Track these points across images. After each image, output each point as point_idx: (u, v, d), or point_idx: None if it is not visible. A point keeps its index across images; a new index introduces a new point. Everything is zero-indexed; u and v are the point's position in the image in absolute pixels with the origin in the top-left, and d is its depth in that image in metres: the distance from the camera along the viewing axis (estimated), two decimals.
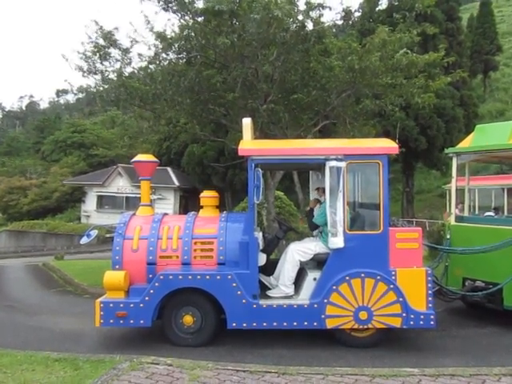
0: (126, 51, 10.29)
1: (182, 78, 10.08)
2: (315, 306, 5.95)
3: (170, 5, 9.74)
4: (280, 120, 10.59)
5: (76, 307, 9.03)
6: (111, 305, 6.06)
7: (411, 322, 5.89)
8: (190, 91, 10.42)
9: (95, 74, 10.46)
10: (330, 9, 9.79)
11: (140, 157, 7.24)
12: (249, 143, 6.48)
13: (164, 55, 10.61)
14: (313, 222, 6.69)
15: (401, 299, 5.88)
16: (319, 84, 10.17)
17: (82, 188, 36.18)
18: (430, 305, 5.94)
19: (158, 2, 9.83)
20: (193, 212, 7.08)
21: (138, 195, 7.37)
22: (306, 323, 5.97)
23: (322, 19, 10.23)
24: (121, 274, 6.18)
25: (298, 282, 6.46)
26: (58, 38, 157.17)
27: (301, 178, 25.56)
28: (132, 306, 6.04)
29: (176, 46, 10.25)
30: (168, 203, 32.18)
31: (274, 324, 5.98)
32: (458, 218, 8.12)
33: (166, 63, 10.77)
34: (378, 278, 5.91)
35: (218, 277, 6.02)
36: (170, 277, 6.04)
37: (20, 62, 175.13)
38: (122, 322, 6.07)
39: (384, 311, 5.89)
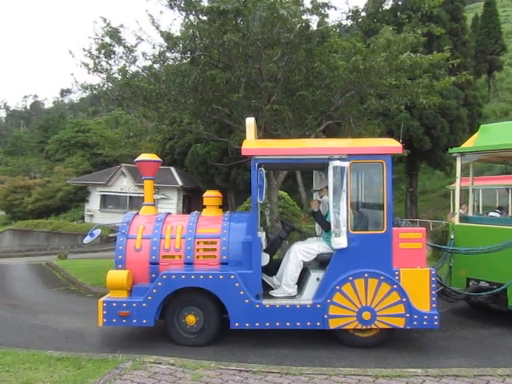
0: (130, 50, 10.30)
1: (186, 77, 10.08)
2: (318, 306, 5.93)
3: (175, 2, 9.73)
4: (284, 120, 10.57)
5: (79, 306, 9.04)
6: (114, 304, 6.06)
7: (415, 323, 5.87)
8: (193, 91, 10.43)
9: (100, 72, 10.47)
10: (336, 9, 9.78)
11: (143, 156, 7.25)
12: (252, 143, 6.47)
13: (168, 54, 10.61)
14: (327, 221, 6.45)
15: (404, 299, 5.85)
16: (323, 83, 10.15)
17: (85, 187, 36.21)
18: (434, 305, 5.92)
19: None
20: (196, 212, 7.07)
21: (142, 195, 7.38)
22: (308, 323, 5.95)
23: (327, 19, 10.24)
24: (124, 273, 6.18)
25: (301, 282, 6.44)
26: (62, 38, 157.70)
27: (304, 178, 25.55)
28: (135, 305, 6.04)
29: (180, 45, 10.25)
30: (171, 203, 32.19)
31: (277, 324, 5.97)
32: (462, 219, 8.09)
33: (170, 63, 10.77)
34: (382, 278, 5.89)
35: (221, 276, 6.01)
36: (173, 276, 6.04)
37: (24, 62, 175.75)
38: (124, 321, 6.07)
39: (387, 311, 5.87)
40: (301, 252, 6.40)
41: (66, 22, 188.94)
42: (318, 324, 5.94)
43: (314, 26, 10.19)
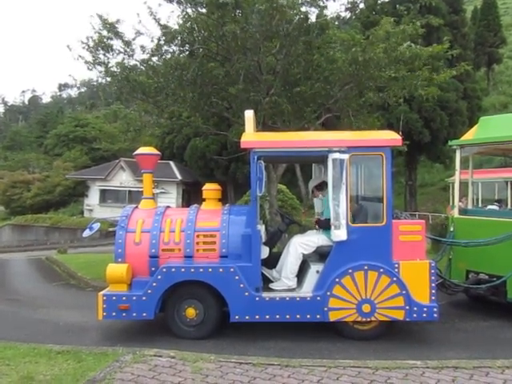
0: (128, 43, 10.25)
1: (185, 71, 10.04)
2: (318, 298, 5.93)
3: None
4: (282, 113, 10.55)
5: (79, 300, 9.06)
6: (114, 298, 6.05)
7: (414, 315, 5.87)
8: (192, 84, 10.39)
9: (99, 65, 10.43)
10: (334, 0, 9.76)
11: (142, 149, 7.21)
12: (251, 136, 6.44)
13: (166, 48, 10.57)
14: (325, 219, 6.40)
15: (404, 292, 5.85)
16: (322, 76, 10.11)
17: (84, 182, 36.22)
18: (433, 297, 5.91)
19: None
20: (195, 205, 7.05)
21: (141, 189, 7.36)
22: (308, 316, 5.95)
23: (326, 11, 10.20)
24: (123, 266, 6.17)
25: (301, 274, 6.43)
26: (60, 32, 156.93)
27: (303, 172, 25.55)
28: (134, 298, 6.03)
29: (179, 38, 10.21)
30: (171, 197, 32.20)
31: (277, 317, 5.97)
32: (462, 211, 8.08)
33: (168, 56, 10.73)
34: (381, 270, 5.88)
35: (221, 270, 6.01)
36: (173, 270, 6.03)
37: (22, 56, 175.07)
38: (124, 314, 6.07)
39: (387, 304, 5.87)
40: (300, 245, 6.39)
41: (65, 16, 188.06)
42: (318, 316, 5.94)
43: (312, 18, 10.16)
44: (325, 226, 6.56)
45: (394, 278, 5.88)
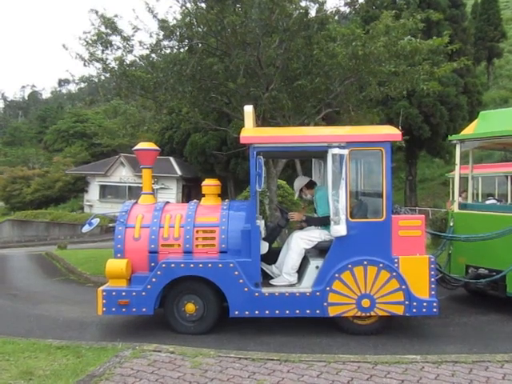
0: (127, 39, 10.20)
1: (184, 66, 10.00)
2: (317, 293, 5.93)
3: None
4: (282, 108, 10.51)
5: (79, 296, 9.06)
6: (113, 293, 6.06)
7: (414, 310, 5.87)
8: (191, 79, 10.35)
9: (97, 62, 10.38)
10: None
11: (141, 145, 7.21)
12: (250, 131, 6.42)
13: (166, 43, 10.53)
14: (323, 217, 6.35)
15: (403, 287, 5.85)
16: (322, 71, 10.07)
17: (84, 178, 36.21)
18: (433, 292, 5.91)
19: None
20: (194, 200, 7.05)
21: (141, 185, 7.36)
22: (308, 311, 5.96)
23: (325, 6, 10.15)
24: (123, 262, 6.18)
25: (300, 270, 6.43)
26: (60, 27, 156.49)
27: (303, 168, 25.48)
28: (134, 294, 6.04)
29: (177, 33, 10.17)
30: (171, 193, 32.19)
31: (277, 312, 5.97)
32: (462, 206, 8.08)
33: (167, 51, 10.69)
34: (381, 265, 5.88)
35: (220, 265, 6.01)
36: (172, 265, 6.03)
37: (22, 52, 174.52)
38: (124, 310, 6.08)
39: (387, 299, 5.88)
40: (303, 240, 6.38)
41: (65, 11, 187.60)
42: (318, 312, 5.94)
43: (312, 13, 10.11)
44: (315, 223, 6.58)
45: (394, 273, 5.88)
